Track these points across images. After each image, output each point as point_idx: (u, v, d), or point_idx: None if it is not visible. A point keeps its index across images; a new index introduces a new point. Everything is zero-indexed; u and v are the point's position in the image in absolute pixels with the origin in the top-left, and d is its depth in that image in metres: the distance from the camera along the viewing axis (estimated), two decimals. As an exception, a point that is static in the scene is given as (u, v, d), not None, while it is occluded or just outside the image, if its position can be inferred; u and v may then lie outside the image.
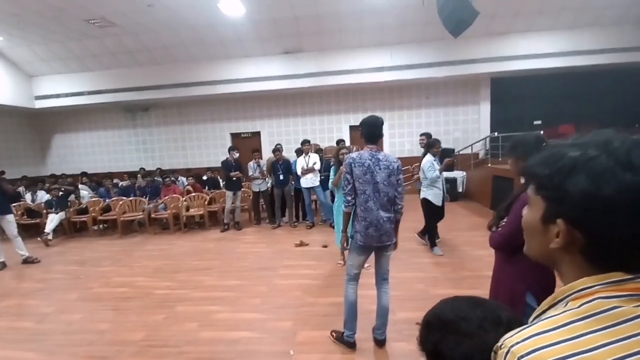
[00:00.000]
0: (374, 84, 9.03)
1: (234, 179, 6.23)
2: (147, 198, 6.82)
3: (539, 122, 9.17)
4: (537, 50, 8.13)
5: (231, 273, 4.15)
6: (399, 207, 2.33)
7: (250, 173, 6.35)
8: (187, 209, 6.56)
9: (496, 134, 7.88)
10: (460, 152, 8.69)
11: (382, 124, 2.34)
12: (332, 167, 4.30)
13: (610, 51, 7.99)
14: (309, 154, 5.90)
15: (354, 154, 2.32)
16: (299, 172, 5.86)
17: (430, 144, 4.43)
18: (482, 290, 3.28)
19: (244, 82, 8.88)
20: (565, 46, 8.07)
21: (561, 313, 0.44)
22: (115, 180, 8.35)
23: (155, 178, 7.67)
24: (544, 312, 0.49)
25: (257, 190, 6.44)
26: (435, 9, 6.37)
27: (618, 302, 0.41)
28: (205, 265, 4.50)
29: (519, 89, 9.11)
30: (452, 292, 2.99)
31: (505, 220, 1.65)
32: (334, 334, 2.60)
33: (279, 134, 9.95)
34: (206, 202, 6.62)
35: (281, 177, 6.08)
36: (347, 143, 8.11)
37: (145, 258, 4.99)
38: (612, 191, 0.40)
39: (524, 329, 0.45)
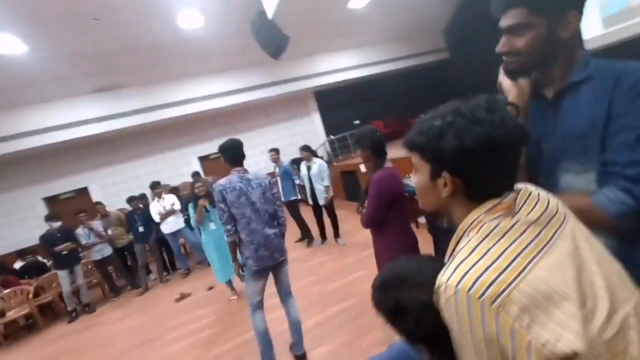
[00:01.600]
0: (213, 111, 8.89)
1: (64, 253, 4.92)
2: None
3: (357, 122, 11.15)
4: (340, 65, 9.90)
5: (102, 367, 3.30)
6: (282, 219, 2.40)
7: (83, 241, 5.14)
8: (3, 314, 4.75)
9: (332, 137, 9.11)
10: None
11: (242, 145, 2.34)
12: (190, 204, 4.00)
13: (387, 62, 10.54)
14: (163, 196, 5.30)
15: (222, 181, 2.24)
16: (156, 218, 5.18)
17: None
18: (370, 270, 3.78)
19: (47, 132, 7.11)
20: (360, 60, 10.14)
21: (468, 242, 0.57)
22: None
23: None
24: (454, 249, 0.63)
25: (100, 257, 5.28)
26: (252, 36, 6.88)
27: (498, 220, 0.57)
28: (57, 375, 3.40)
29: (338, 97, 10.87)
30: (346, 281, 3.33)
31: (367, 202, 1.99)
32: (254, 372, 2.47)
33: (115, 184, 8.46)
34: (30, 295, 4.96)
35: (141, 229, 5.22)
36: (202, 175, 7.70)
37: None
38: (471, 142, 0.55)
39: (448, 265, 0.57)
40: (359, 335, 2.60)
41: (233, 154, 2.29)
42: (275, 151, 5.15)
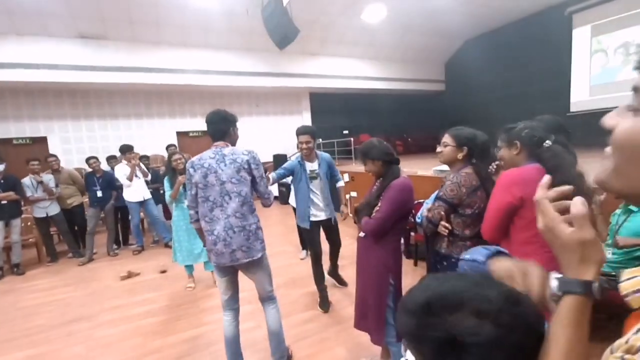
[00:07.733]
0: (204, 88, 8.46)
1: (2, 202, 4.36)
2: None
3: (346, 131, 11.08)
4: (341, 73, 9.79)
5: (17, 340, 2.84)
6: (267, 195, 2.04)
7: (28, 193, 4.59)
8: None
9: (321, 140, 8.94)
10: (291, 158, 9.39)
11: (224, 117, 2.00)
12: (166, 178, 3.61)
13: (387, 80, 10.59)
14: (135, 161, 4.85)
15: (196, 157, 1.96)
16: (123, 181, 4.71)
17: None
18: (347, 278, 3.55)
19: (13, 69, 6.39)
20: (360, 71, 10.10)
21: None
22: None
23: None
24: None
25: (44, 215, 4.72)
26: (260, 21, 6.62)
27: None
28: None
29: (331, 103, 10.76)
30: (315, 290, 3.05)
31: (378, 207, 1.81)
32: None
33: (78, 140, 7.75)
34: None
35: (99, 193, 4.75)
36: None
37: None
38: None
39: None
40: (321, 351, 2.38)
41: (212, 127, 1.99)
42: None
